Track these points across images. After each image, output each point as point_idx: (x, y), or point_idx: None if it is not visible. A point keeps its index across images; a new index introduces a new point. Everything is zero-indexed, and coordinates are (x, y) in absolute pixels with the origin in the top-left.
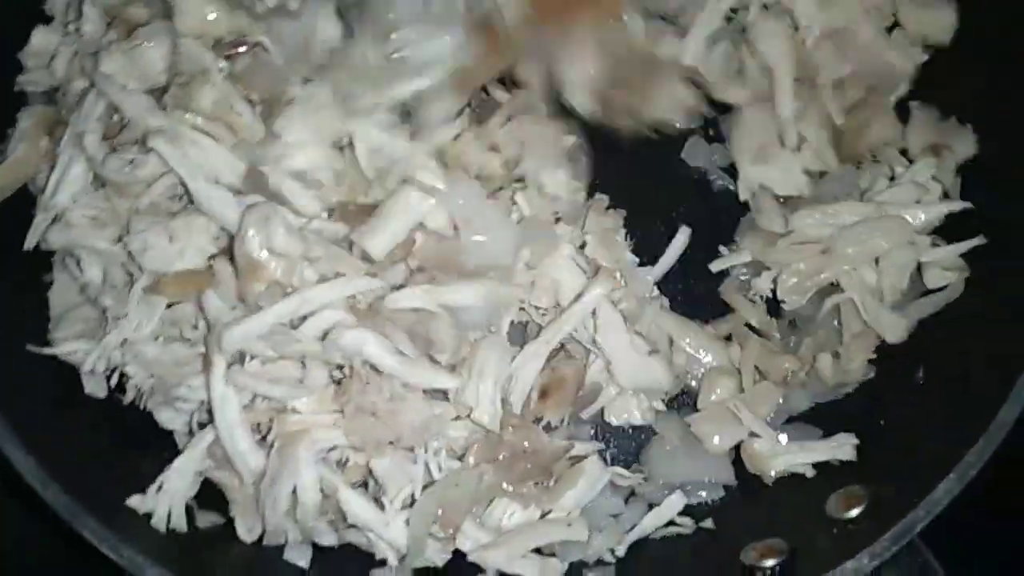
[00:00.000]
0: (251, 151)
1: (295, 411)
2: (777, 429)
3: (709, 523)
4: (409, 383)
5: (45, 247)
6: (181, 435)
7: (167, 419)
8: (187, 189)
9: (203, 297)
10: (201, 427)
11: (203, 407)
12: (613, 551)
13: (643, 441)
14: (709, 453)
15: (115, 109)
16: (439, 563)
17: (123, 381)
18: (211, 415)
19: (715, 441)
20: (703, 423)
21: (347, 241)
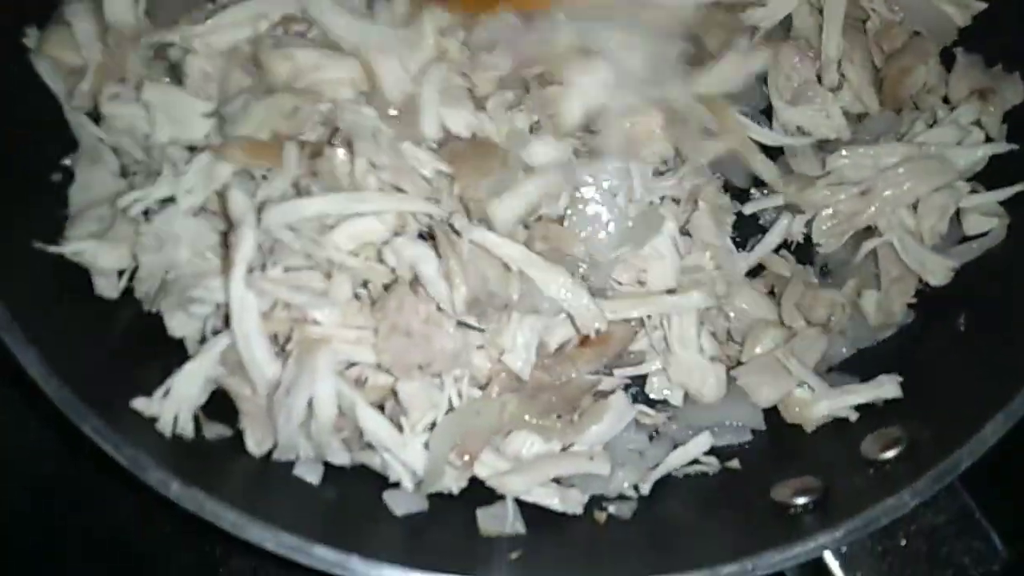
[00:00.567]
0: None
1: (316, 323)
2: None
3: (735, 463)
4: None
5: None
6: (192, 344)
7: (178, 325)
8: None
9: (228, 192)
10: (215, 335)
11: (219, 312)
12: (636, 487)
13: None
14: (752, 404)
15: None
16: (455, 490)
17: (132, 285)
18: (227, 320)
19: (763, 393)
20: (750, 376)
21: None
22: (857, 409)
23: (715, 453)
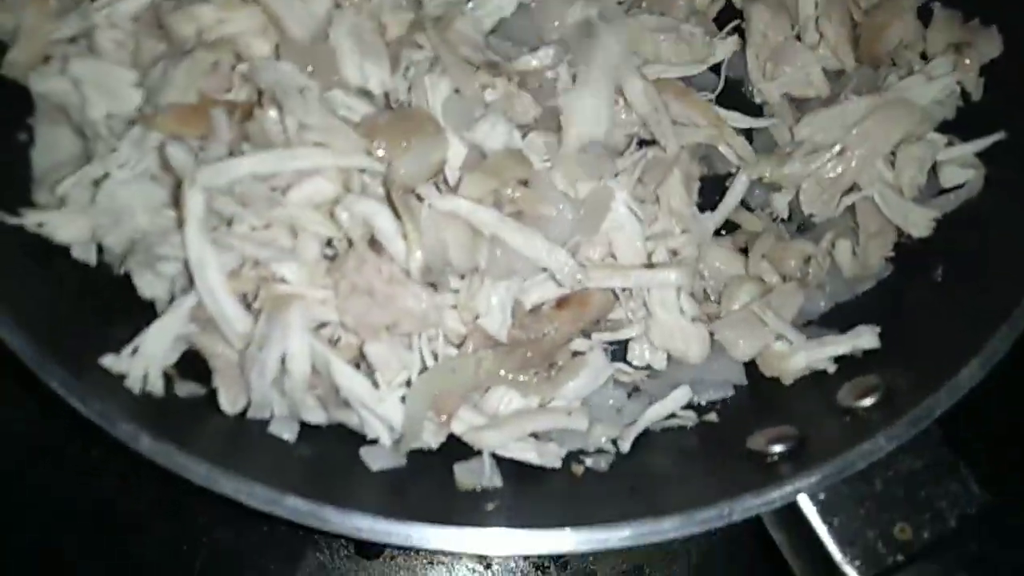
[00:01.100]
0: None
1: (284, 281)
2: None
3: (712, 416)
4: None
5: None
6: (162, 304)
7: (147, 284)
8: None
9: (167, 151)
10: (185, 294)
11: (186, 270)
12: (615, 442)
13: None
14: (733, 359)
15: None
16: (434, 445)
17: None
18: (191, 276)
19: (740, 347)
20: (727, 330)
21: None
22: (835, 361)
23: (693, 407)
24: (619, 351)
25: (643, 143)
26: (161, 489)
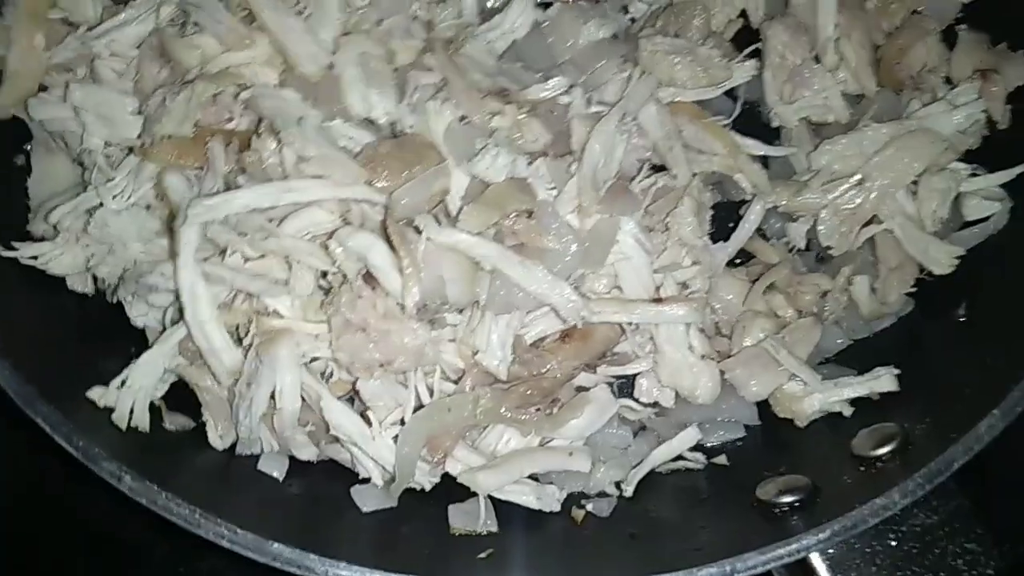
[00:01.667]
0: None
1: (277, 315)
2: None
3: (722, 459)
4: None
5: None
6: (153, 334)
7: (139, 314)
8: None
9: (166, 179)
10: (175, 324)
11: (177, 301)
12: (619, 485)
13: None
14: (745, 400)
15: None
16: (427, 486)
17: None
18: (181, 308)
19: (752, 387)
20: (738, 368)
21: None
22: (852, 403)
23: (703, 449)
24: (625, 386)
25: (654, 168)
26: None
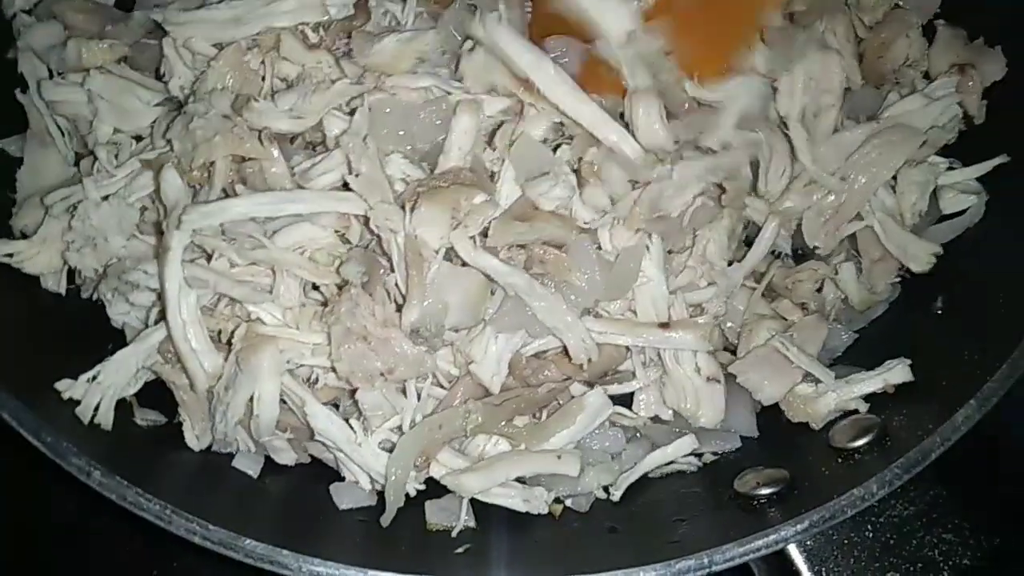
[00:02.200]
0: None
1: (262, 322)
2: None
3: (708, 456)
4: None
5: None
6: (133, 333)
7: (120, 313)
8: None
9: (162, 175)
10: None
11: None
12: (607, 489)
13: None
14: (747, 411)
15: None
16: (411, 492)
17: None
18: (163, 308)
19: (766, 389)
20: (750, 371)
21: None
22: (866, 400)
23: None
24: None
25: None
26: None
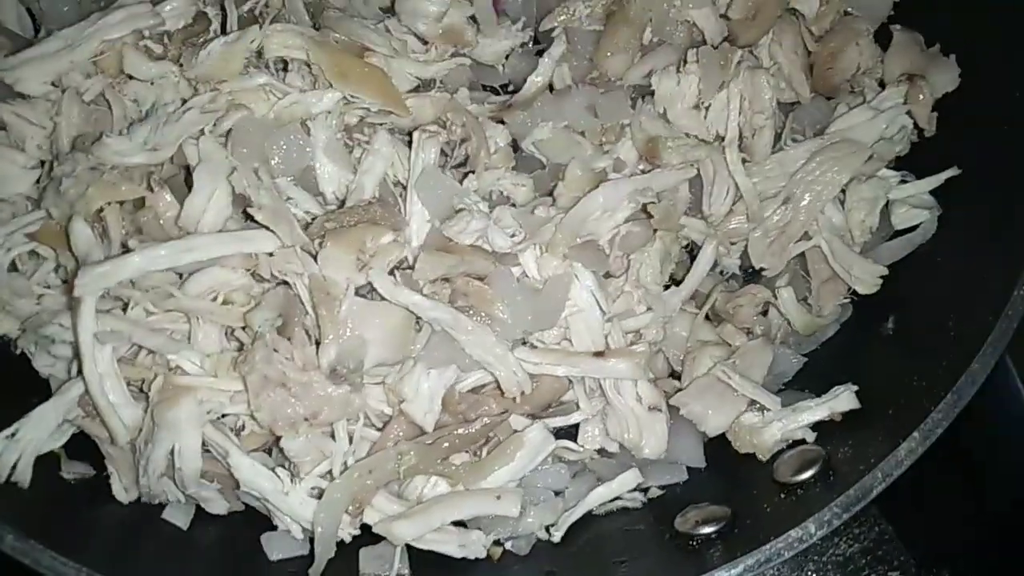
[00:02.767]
0: None
1: (182, 371)
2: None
3: (654, 491)
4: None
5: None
6: (58, 383)
7: (44, 365)
8: None
9: (71, 227)
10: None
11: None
12: (548, 529)
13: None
14: (692, 442)
15: None
16: (346, 539)
17: None
18: (79, 362)
19: (711, 419)
20: (693, 402)
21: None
22: (813, 428)
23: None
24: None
25: None
26: None
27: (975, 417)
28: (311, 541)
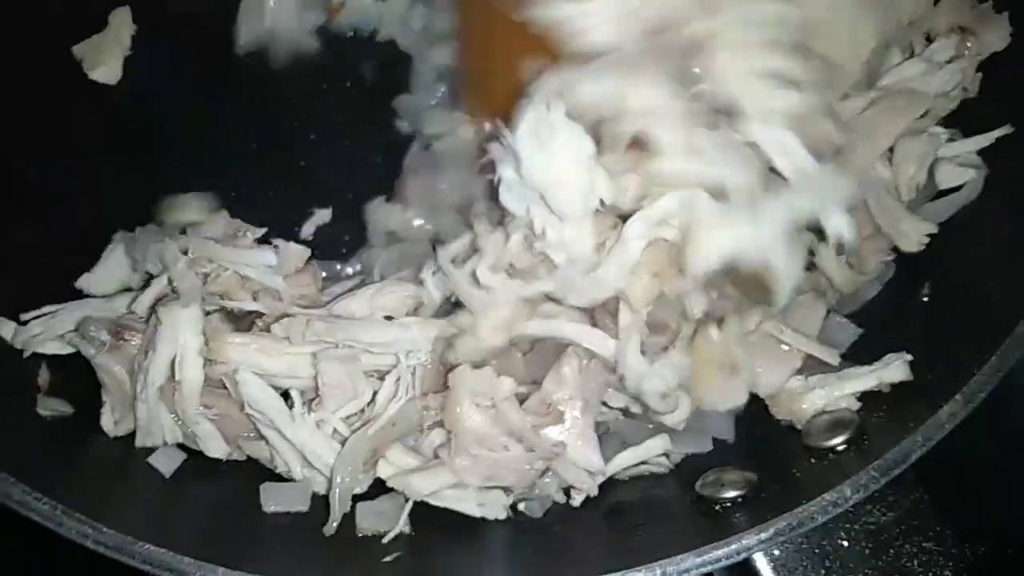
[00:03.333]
0: None
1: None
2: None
3: (676, 456)
4: None
5: None
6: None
7: None
8: None
9: None
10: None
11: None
12: (568, 492)
13: None
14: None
15: None
16: (361, 491)
17: None
18: None
19: (763, 380)
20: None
21: None
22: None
23: None
24: None
25: None
26: None
27: (1017, 383)
28: (312, 497)
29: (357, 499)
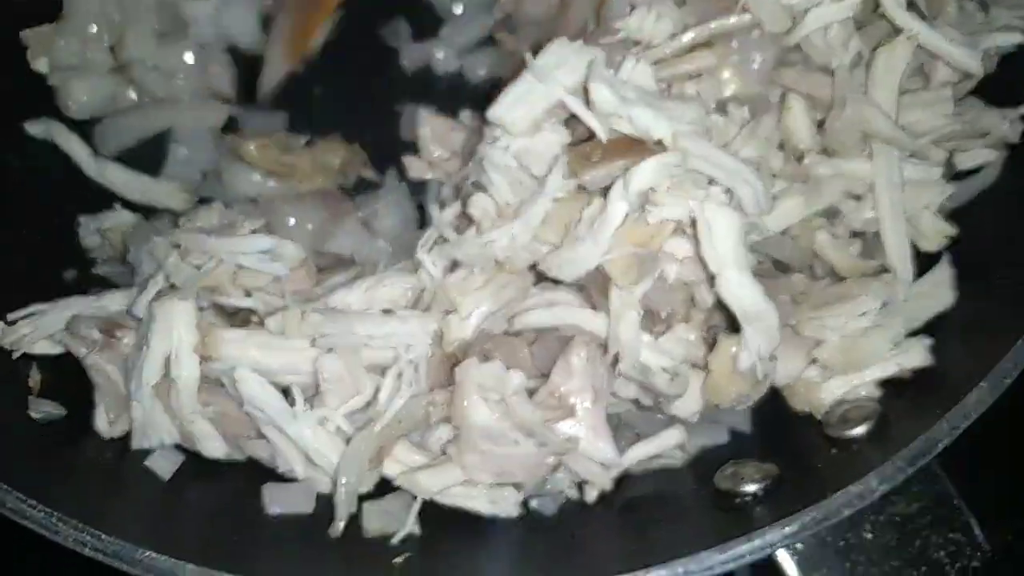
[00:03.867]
0: None
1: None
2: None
3: (693, 448)
4: None
5: None
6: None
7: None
8: None
9: None
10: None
11: None
12: (581, 487)
13: None
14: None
15: None
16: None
17: None
18: None
19: (780, 369)
20: None
21: None
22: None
23: None
24: None
25: None
26: None
27: None
28: (316, 498)
29: (363, 499)
